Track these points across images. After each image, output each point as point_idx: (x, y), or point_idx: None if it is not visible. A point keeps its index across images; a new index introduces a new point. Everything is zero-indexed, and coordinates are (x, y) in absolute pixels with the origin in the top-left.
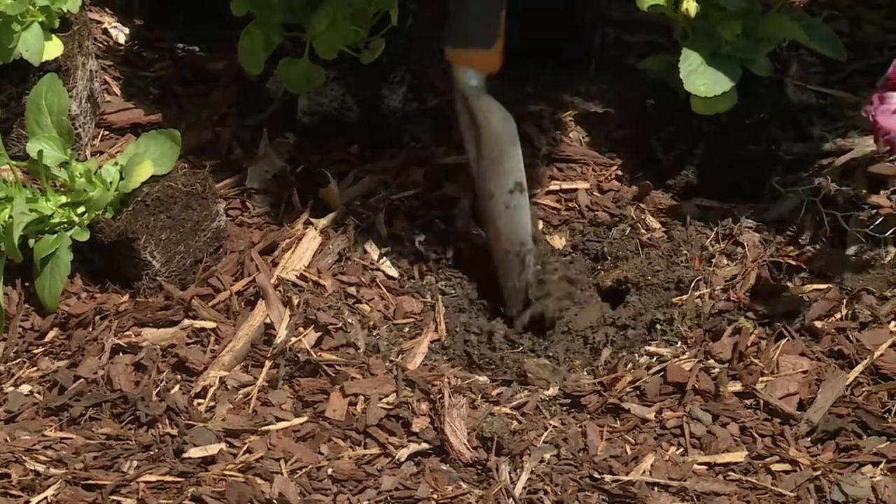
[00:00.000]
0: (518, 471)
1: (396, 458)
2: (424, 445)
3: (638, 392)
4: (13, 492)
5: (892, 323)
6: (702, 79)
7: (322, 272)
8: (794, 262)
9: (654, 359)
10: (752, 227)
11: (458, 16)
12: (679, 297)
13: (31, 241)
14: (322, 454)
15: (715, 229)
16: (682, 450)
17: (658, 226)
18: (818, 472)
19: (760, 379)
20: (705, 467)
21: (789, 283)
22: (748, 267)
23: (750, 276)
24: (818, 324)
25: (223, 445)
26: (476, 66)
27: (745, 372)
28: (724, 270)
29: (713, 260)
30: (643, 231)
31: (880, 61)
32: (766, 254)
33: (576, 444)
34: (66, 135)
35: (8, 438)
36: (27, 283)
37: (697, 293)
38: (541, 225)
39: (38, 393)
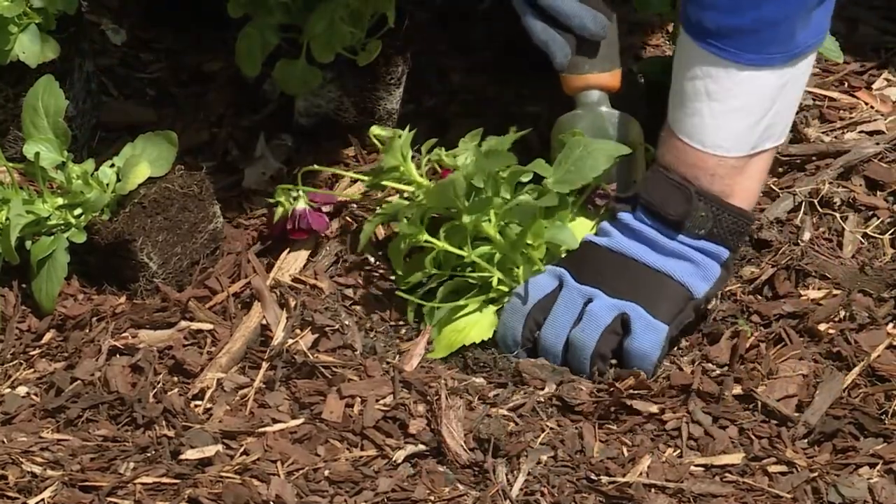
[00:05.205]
0: (515, 472)
1: (393, 459)
2: (421, 447)
3: (635, 393)
4: (10, 494)
5: (890, 325)
6: None
7: (319, 274)
8: (791, 264)
9: None
10: (754, 227)
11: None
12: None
13: (28, 243)
14: (319, 456)
15: None
16: (678, 451)
17: None
18: (815, 474)
19: (758, 381)
20: (702, 469)
21: (787, 285)
22: (763, 268)
23: (761, 278)
24: (816, 326)
25: (220, 447)
26: (604, 86)
27: (744, 374)
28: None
29: None
30: None
31: (877, 63)
32: (767, 255)
33: (573, 445)
34: (63, 137)
35: (5, 440)
36: (24, 285)
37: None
38: None
39: (35, 395)
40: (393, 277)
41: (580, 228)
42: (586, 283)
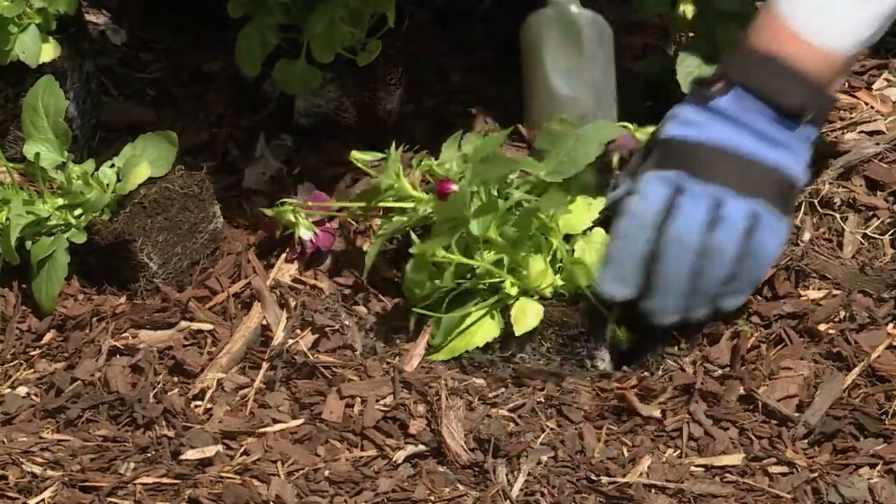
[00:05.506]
0: (515, 473)
1: (393, 459)
2: (421, 447)
3: (636, 394)
4: (10, 494)
5: (890, 325)
6: None
7: (319, 274)
8: (791, 264)
9: (653, 362)
10: None
11: None
12: None
13: (28, 243)
14: (319, 456)
15: None
16: (679, 452)
17: None
18: (815, 474)
19: (759, 382)
20: (702, 469)
21: (787, 285)
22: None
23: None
24: (816, 326)
25: (220, 447)
26: None
27: (746, 375)
28: None
29: None
30: None
31: (877, 63)
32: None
33: (573, 445)
34: (63, 137)
35: (5, 440)
36: (24, 285)
37: None
38: None
39: (35, 395)
40: (392, 277)
41: (579, 210)
42: (708, 183)
